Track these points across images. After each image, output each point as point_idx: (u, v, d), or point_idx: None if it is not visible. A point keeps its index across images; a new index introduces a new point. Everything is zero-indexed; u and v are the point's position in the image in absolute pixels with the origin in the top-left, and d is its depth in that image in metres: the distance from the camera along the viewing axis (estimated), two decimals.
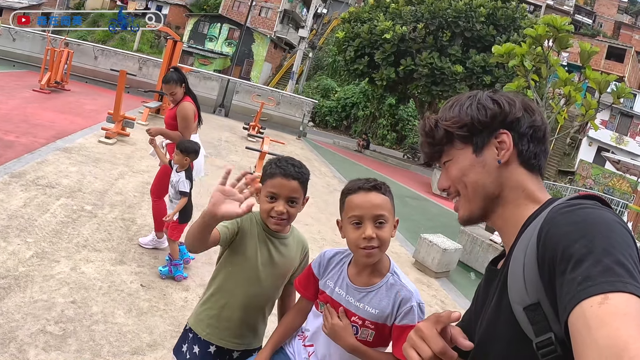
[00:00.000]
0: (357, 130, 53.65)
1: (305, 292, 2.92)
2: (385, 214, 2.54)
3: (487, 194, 1.74)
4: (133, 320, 5.39)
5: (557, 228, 1.37)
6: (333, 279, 2.76)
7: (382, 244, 2.53)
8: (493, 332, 1.61)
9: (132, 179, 10.84)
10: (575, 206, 1.42)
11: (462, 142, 1.78)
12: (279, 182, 2.95)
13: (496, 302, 1.63)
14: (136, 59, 30.41)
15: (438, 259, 10.14)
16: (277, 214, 2.96)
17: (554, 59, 14.35)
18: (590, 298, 1.15)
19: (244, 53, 62.91)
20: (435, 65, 33.27)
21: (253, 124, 23.84)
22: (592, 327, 1.11)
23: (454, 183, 1.81)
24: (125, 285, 6.13)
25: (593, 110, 13.98)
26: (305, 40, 57.70)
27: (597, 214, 1.36)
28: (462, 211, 1.81)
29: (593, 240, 1.26)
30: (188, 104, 7.35)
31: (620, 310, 1.11)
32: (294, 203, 3.02)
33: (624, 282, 1.16)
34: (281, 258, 3.13)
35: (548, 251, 1.36)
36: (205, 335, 3.11)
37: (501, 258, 1.84)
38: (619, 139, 49.42)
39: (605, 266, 1.19)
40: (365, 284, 2.64)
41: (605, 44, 61.49)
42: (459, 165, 1.78)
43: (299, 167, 3.05)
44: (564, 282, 1.26)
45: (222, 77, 32.76)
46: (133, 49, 59.01)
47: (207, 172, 13.30)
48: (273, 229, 3.05)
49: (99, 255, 6.77)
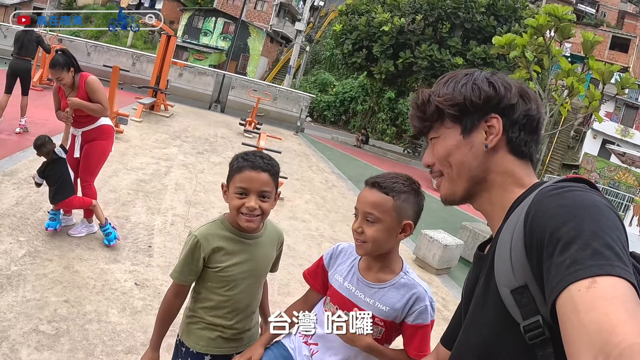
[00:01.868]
0: (356, 125, 53.44)
1: (315, 283, 2.95)
2: (374, 212, 2.55)
3: (471, 176, 1.74)
4: (127, 319, 5.40)
5: (545, 210, 1.38)
6: (342, 273, 2.79)
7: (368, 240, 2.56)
8: (480, 316, 1.64)
9: (126, 176, 10.84)
10: (563, 189, 1.43)
11: (451, 121, 1.77)
12: (247, 175, 2.86)
13: (483, 286, 1.65)
14: (129, 55, 30.35)
15: (439, 255, 10.14)
16: (248, 210, 2.85)
17: (556, 50, 14.38)
18: (578, 282, 1.16)
19: (240, 47, 62.86)
20: (434, 58, 33.23)
21: (249, 120, 23.79)
22: (580, 311, 1.12)
23: (438, 161, 1.81)
24: (119, 284, 6.14)
25: (597, 102, 13.97)
26: (302, 34, 57.81)
27: (586, 197, 1.37)
28: (444, 190, 1.82)
29: (581, 223, 1.27)
30: (92, 76, 7.11)
31: (608, 294, 1.12)
32: (266, 198, 2.90)
33: (613, 266, 1.17)
34: (257, 258, 3.07)
35: (535, 234, 1.37)
36: (200, 349, 3.05)
37: (488, 243, 1.86)
38: (624, 131, 49.23)
39: (594, 249, 1.20)
40: (376, 280, 2.67)
41: (609, 33, 61.37)
42: (446, 144, 1.78)
43: (268, 159, 2.96)
44: (551, 265, 1.26)
45: (218, 72, 32.75)
46: (126, 44, 59.00)
47: (204, 168, 13.33)
48: (245, 227, 2.92)
49: (92, 254, 6.79)
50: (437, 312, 8.03)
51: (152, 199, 9.80)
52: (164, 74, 22.08)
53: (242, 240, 3.01)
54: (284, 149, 19.39)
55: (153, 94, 21.40)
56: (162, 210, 9.26)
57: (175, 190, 10.89)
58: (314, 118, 54.62)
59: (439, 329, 7.15)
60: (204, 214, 9.69)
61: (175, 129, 19.06)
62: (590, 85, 15.15)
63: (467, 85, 1.76)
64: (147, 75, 26.11)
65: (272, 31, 67.99)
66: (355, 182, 18.04)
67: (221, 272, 2.96)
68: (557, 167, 48.73)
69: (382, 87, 44.17)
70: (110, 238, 7.10)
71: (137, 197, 9.64)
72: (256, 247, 3.05)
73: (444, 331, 2.19)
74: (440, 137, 1.80)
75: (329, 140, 36.56)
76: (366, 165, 26.61)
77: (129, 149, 13.52)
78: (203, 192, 11.26)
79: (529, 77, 14.39)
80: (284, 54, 69.24)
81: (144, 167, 11.97)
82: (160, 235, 8.06)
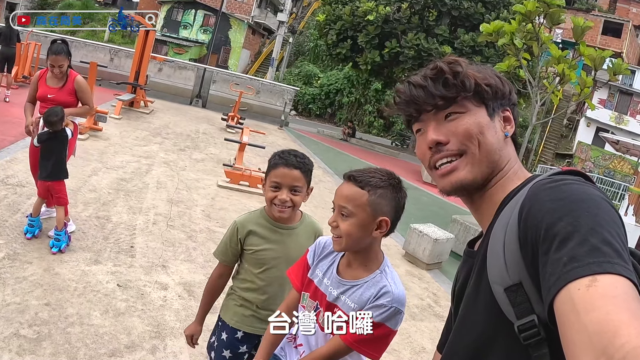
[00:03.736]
0: (342, 117, 53.41)
1: (297, 282, 2.94)
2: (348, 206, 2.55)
3: (493, 161, 1.68)
4: (110, 322, 5.43)
5: (540, 205, 1.36)
6: (322, 269, 2.79)
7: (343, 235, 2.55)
8: (471, 315, 1.61)
9: (106, 175, 10.84)
10: (559, 181, 1.41)
11: (478, 100, 1.70)
12: (281, 171, 3.27)
13: (474, 283, 1.62)
14: (107, 50, 30.21)
15: (429, 249, 10.16)
16: (280, 202, 3.29)
17: (546, 36, 14.44)
18: (577, 280, 1.15)
19: (221, 40, 62.68)
20: (421, 47, 33.10)
21: (232, 115, 23.77)
22: (580, 311, 1.11)
23: (461, 138, 1.67)
24: (101, 286, 6.16)
25: (589, 89, 14.06)
26: (285, 25, 57.74)
27: (582, 190, 1.35)
28: (464, 174, 1.68)
29: (578, 218, 1.25)
30: (80, 76, 7.61)
31: (609, 293, 1.10)
32: (297, 192, 3.33)
33: (612, 263, 1.15)
34: (290, 247, 3.44)
35: (530, 229, 1.35)
36: (234, 324, 3.47)
37: (478, 239, 1.83)
38: (618, 118, 49.26)
39: (592, 246, 1.18)
40: (352, 277, 2.65)
41: (600, 18, 61.35)
42: (477, 120, 1.68)
43: (301, 158, 3.36)
44: (547, 262, 1.25)
45: (199, 66, 32.64)
46: (104, 39, 58.71)
47: (186, 166, 13.34)
48: (277, 216, 3.37)
49: (73, 256, 6.80)
50: (429, 308, 8.14)
51: (133, 198, 9.81)
52: (143, 69, 21.99)
53: (276, 229, 3.47)
54: (268, 144, 19.34)
55: (132, 90, 21.32)
56: (143, 210, 9.27)
57: (156, 188, 10.91)
58: (299, 111, 54.50)
59: (430, 325, 7.25)
60: (187, 213, 9.71)
61: (156, 126, 19.05)
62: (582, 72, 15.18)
63: (489, 71, 1.77)
64: (126, 70, 25.95)
65: (253, 23, 67.74)
66: (342, 177, 17.99)
67: (254, 255, 3.43)
68: (550, 157, 48.84)
69: (368, 78, 44.12)
70: (59, 245, 6.88)
71: (117, 197, 9.64)
72: (290, 237, 3.49)
73: (440, 335, 2.17)
74: (467, 113, 1.69)
75: (314, 134, 36.54)
76: (353, 159, 26.62)
77: (108, 147, 13.50)
78: (185, 190, 11.27)
79: (518, 64, 14.50)
80: (266, 46, 69.06)
81: (124, 165, 11.97)
82: (142, 235, 8.08)
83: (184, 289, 6.60)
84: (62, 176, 7.06)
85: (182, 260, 7.52)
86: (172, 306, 6.09)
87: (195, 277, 7.03)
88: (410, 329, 7.11)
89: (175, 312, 5.95)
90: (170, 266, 7.21)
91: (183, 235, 8.52)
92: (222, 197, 11.59)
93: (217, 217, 10.01)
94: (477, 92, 1.68)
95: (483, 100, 1.70)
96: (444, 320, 7.80)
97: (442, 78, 1.69)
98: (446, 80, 1.68)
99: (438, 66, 1.71)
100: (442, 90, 1.68)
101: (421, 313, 7.89)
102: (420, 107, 1.74)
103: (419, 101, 1.73)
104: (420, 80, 1.73)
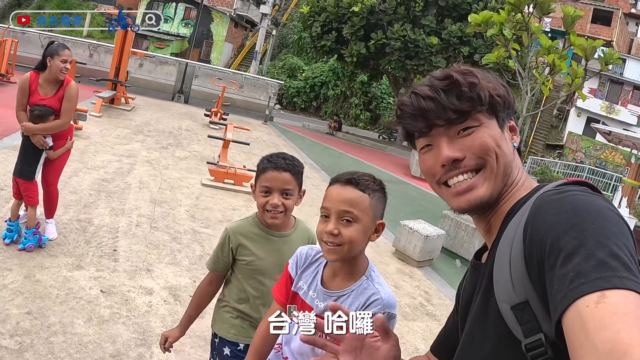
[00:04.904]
0: (328, 111, 53.48)
1: (281, 297, 2.84)
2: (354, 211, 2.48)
3: (509, 175, 1.65)
4: (94, 330, 5.38)
5: (544, 219, 1.33)
6: (307, 281, 2.72)
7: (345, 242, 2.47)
8: (479, 332, 1.58)
9: (87, 176, 10.78)
10: (563, 193, 1.38)
11: (489, 112, 1.65)
12: (271, 175, 3.23)
13: (482, 300, 1.59)
14: (86, 46, 30.22)
15: (420, 246, 10.16)
16: (272, 207, 3.23)
17: (536, 26, 14.43)
18: (585, 297, 1.12)
19: (203, 34, 62.50)
20: (408, 38, 33.14)
21: (215, 110, 23.81)
22: (589, 330, 1.08)
23: (480, 153, 1.62)
24: (84, 292, 6.10)
25: (580, 79, 14.06)
26: (268, 17, 57.50)
27: (588, 201, 1.32)
28: (484, 190, 1.62)
29: (584, 231, 1.22)
30: (74, 82, 7.31)
31: (619, 310, 1.07)
32: (289, 195, 3.27)
33: (620, 278, 1.12)
34: (285, 255, 3.19)
35: (535, 244, 1.32)
36: (232, 337, 3.41)
37: (484, 250, 1.80)
38: (609, 108, 49.46)
39: (599, 260, 1.15)
40: (338, 287, 2.59)
41: (590, 6, 61.52)
42: (492, 133, 1.63)
43: (291, 160, 3.32)
44: (554, 278, 1.22)
45: (180, 60, 32.72)
46: (82, 34, 58.45)
47: (169, 164, 13.29)
48: (270, 222, 3.31)
49: (54, 261, 6.74)
50: (421, 307, 8.13)
51: (115, 199, 9.76)
52: (124, 65, 21.96)
53: (269, 237, 3.42)
54: (253, 140, 19.38)
55: (112, 87, 21.29)
56: (126, 211, 9.21)
57: (139, 188, 10.86)
58: (283, 105, 54.47)
59: (422, 324, 7.22)
60: (171, 213, 9.66)
61: (137, 123, 19.00)
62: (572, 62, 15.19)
63: (496, 80, 1.71)
64: (106, 66, 25.92)
65: (236, 15, 67.61)
66: (329, 172, 18.03)
67: (248, 265, 3.38)
68: (540, 148, 49.04)
69: (354, 71, 44.13)
70: (25, 242, 6.86)
71: (99, 198, 9.58)
72: (284, 244, 3.41)
73: (432, 335, 2.15)
74: (482, 126, 1.63)
75: (299, 128, 36.62)
76: (340, 153, 26.66)
77: (89, 147, 13.43)
78: (169, 190, 11.23)
79: (507, 55, 14.48)
80: (249, 39, 68.94)
81: (105, 165, 11.91)
82: (125, 237, 8.02)
83: (170, 294, 6.55)
84: (28, 176, 6.99)
85: (166, 263, 7.48)
86: (158, 312, 6.04)
87: (180, 281, 6.98)
88: (403, 330, 7.08)
89: (161, 318, 5.91)
90: (154, 270, 7.16)
91: (167, 237, 8.48)
92: (206, 197, 11.55)
93: (201, 217, 9.97)
94: (490, 104, 1.63)
95: (494, 111, 1.66)
96: (436, 319, 7.83)
97: (456, 90, 1.62)
98: (461, 93, 1.61)
99: (452, 77, 1.63)
100: (457, 104, 1.61)
101: (413, 312, 7.88)
102: (430, 122, 1.65)
103: (429, 115, 1.64)
104: (428, 91, 1.64)
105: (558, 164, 40.11)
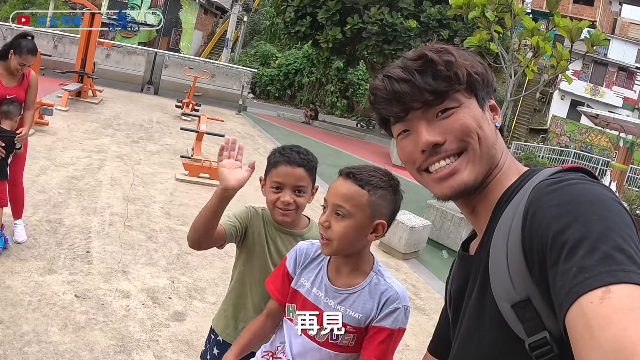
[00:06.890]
0: (303, 99, 53.37)
1: (277, 293, 2.82)
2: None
3: (492, 156, 1.61)
4: (70, 337, 5.29)
5: (545, 211, 1.31)
6: (309, 278, 2.68)
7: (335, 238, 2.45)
8: (476, 329, 1.56)
9: (55, 173, 10.66)
10: (562, 182, 1.35)
11: (467, 91, 1.61)
12: (283, 170, 3.11)
13: (477, 298, 1.57)
14: (50, 37, 29.88)
15: (405, 238, 10.16)
16: (283, 205, 3.11)
17: (519, 7, 14.44)
18: (589, 293, 1.09)
19: (171, 22, 62.22)
20: (385, 22, 32.97)
21: (187, 101, 23.76)
22: (594, 327, 1.05)
23: (461, 135, 1.58)
24: (58, 298, 6.02)
25: (565, 62, 14.08)
26: (239, 3, 57.38)
27: (589, 190, 1.30)
28: (467, 174, 1.58)
29: (587, 222, 1.20)
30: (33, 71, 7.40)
31: (625, 306, 1.05)
32: (301, 192, 3.15)
33: (626, 271, 1.09)
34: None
35: (536, 238, 1.29)
36: (226, 337, 3.33)
37: (472, 240, 1.79)
38: (593, 90, 49.84)
39: (604, 253, 1.13)
40: (345, 284, 2.57)
41: None
42: (473, 113, 1.59)
43: (305, 154, 3.19)
44: (557, 273, 1.19)
45: (149, 50, 32.60)
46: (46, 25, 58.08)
47: (140, 159, 13.20)
48: (280, 220, 3.22)
49: (24, 265, 6.63)
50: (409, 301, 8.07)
51: (86, 197, 9.66)
52: (90, 56, 21.85)
53: (281, 234, 3.32)
54: (227, 131, 19.30)
55: (79, 79, 21.16)
56: (98, 210, 9.13)
57: (111, 185, 10.77)
58: (257, 94, 54.35)
59: (412, 319, 7.17)
60: (145, 211, 9.59)
61: (106, 117, 18.90)
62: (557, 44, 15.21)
63: (473, 58, 1.66)
64: (71, 58, 25.72)
65: (205, 2, 67.44)
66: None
67: (253, 256, 3.30)
68: (524, 133, 49.36)
69: (330, 57, 43.99)
70: None
71: (69, 197, 9.48)
72: (294, 244, 3.13)
73: (423, 331, 2.12)
74: (462, 106, 1.59)
75: (274, 117, 36.61)
76: (317, 142, 26.60)
77: (56, 143, 13.30)
78: (142, 186, 11.15)
79: (489, 38, 14.46)
80: (219, 26, 68.77)
81: (74, 162, 11.81)
82: (98, 238, 7.95)
83: (148, 296, 6.48)
84: (4, 176, 6.88)
85: (143, 264, 7.40)
86: (136, 316, 5.97)
87: (158, 282, 6.92)
88: None
89: (140, 322, 5.84)
90: (130, 271, 7.08)
91: (142, 236, 8.40)
92: (181, 192, 11.49)
93: (177, 214, 9.90)
94: (468, 83, 1.59)
95: (473, 90, 1.61)
96: (426, 313, 7.82)
97: (431, 70, 1.57)
98: (437, 72, 1.56)
99: (426, 55, 1.58)
100: (433, 84, 1.56)
101: None
102: (406, 106, 1.61)
103: (404, 98, 1.60)
104: (402, 73, 1.60)
105: (543, 149, 40.35)
